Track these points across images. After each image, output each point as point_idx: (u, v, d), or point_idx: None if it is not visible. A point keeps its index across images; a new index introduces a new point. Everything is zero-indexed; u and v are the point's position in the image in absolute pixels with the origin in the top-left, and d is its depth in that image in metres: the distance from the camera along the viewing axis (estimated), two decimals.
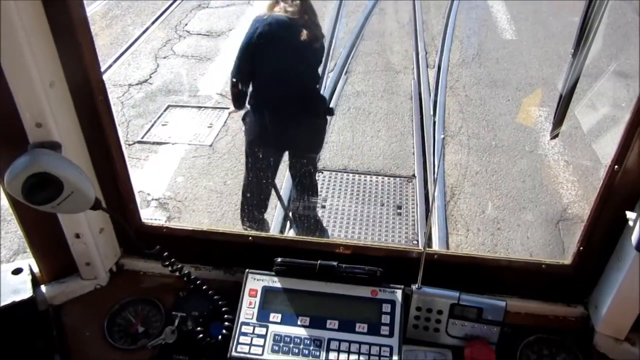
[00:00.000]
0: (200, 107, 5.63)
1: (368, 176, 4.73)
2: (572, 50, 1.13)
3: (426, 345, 1.34)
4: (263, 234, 1.50)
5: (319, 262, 1.35)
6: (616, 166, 1.19)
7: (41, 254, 1.41)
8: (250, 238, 1.47)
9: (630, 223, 1.16)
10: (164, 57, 6.43)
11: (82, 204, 1.16)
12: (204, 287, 1.40)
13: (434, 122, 5.32)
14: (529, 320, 1.43)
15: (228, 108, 5.53)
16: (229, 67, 6.17)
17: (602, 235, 1.29)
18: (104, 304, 1.44)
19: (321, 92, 3.77)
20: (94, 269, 1.44)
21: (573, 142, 5.05)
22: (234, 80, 3.50)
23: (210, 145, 5.05)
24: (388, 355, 1.26)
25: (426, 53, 6.56)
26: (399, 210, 4.40)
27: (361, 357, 1.26)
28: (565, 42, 6.61)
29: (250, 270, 1.37)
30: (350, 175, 4.72)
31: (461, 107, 5.60)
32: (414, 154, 4.95)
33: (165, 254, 1.36)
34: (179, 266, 1.39)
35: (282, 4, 3.30)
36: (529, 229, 4.19)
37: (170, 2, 7.73)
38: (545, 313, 1.43)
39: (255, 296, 1.34)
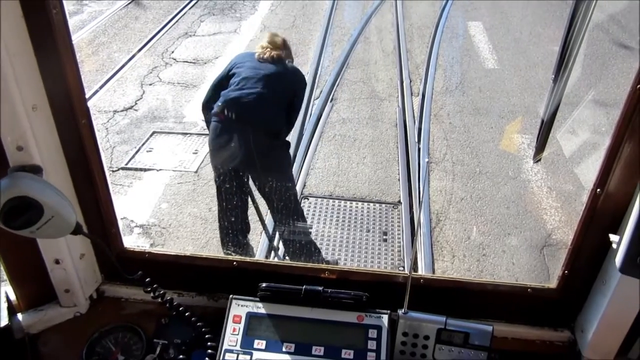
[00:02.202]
0: (186, 133, 5.63)
1: (354, 202, 4.73)
2: (553, 76, 1.16)
3: None
4: (247, 259, 1.48)
5: (304, 287, 1.33)
6: (598, 189, 1.20)
7: (19, 281, 1.37)
8: (234, 263, 1.45)
9: (614, 246, 1.17)
10: (150, 84, 6.44)
11: (62, 229, 1.14)
12: (186, 314, 1.37)
13: (419, 149, 5.36)
14: (516, 346, 1.41)
15: None
16: None
17: (587, 258, 1.29)
18: (83, 332, 1.39)
19: (283, 128, 3.73)
20: (74, 296, 1.41)
21: (556, 168, 5.12)
22: (204, 102, 3.73)
23: (195, 172, 5.03)
24: None
25: (410, 81, 6.66)
26: (384, 237, 4.39)
27: None
28: (546, 71, 6.76)
29: (234, 296, 1.35)
30: (336, 201, 4.72)
31: (445, 134, 5.66)
32: (399, 180, 4.97)
33: (147, 279, 1.33)
34: (161, 292, 1.36)
35: (261, 43, 3.68)
36: (514, 255, 4.21)
37: (157, 29, 7.80)
38: (532, 338, 1.42)
39: (239, 322, 1.32)
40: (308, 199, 4.68)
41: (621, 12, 8.41)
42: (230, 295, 1.34)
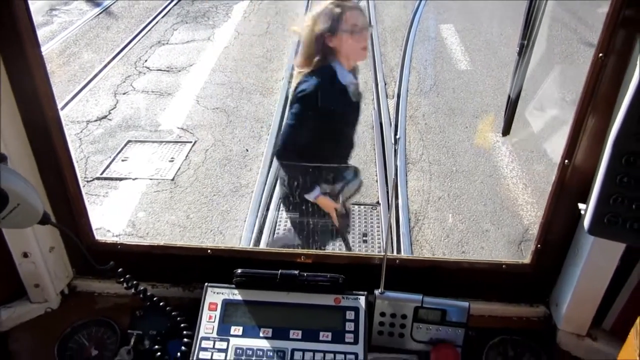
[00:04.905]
0: (161, 141, 5.57)
1: None
2: (517, 49, 1.17)
3: (392, 352, 1.31)
4: (222, 246, 1.46)
5: (279, 271, 1.32)
6: (566, 161, 1.22)
7: None
8: (208, 251, 1.43)
9: (583, 213, 1.18)
10: (124, 93, 6.37)
11: (29, 217, 1.10)
12: (161, 304, 1.35)
13: (395, 150, 5.39)
14: (493, 323, 1.42)
15: (190, 142, 5.49)
16: (190, 101, 6.23)
17: (558, 231, 1.31)
18: (55, 328, 1.36)
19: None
20: (44, 291, 1.37)
21: (530, 165, 5.19)
22: None
23: (172, 180, 4.98)
24: None
25: (385, 84, 6.70)
26: (364, 238, 4.39)
27: None
28: None
29: (210, 284, 1.33)
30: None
31: (421, 135, 5.70)
32: (377, 181, 4.99)
33: (120, 269, 1.31)
34: (135, 283, 1.33)
35: None
36: (492, 251, 4.24)
37: (130, 38, 7.74)
38: (508, 314, 1.43)
39: (215, 310, 1.30)
40: None
41: None
42: (206, 283, 1.33)
